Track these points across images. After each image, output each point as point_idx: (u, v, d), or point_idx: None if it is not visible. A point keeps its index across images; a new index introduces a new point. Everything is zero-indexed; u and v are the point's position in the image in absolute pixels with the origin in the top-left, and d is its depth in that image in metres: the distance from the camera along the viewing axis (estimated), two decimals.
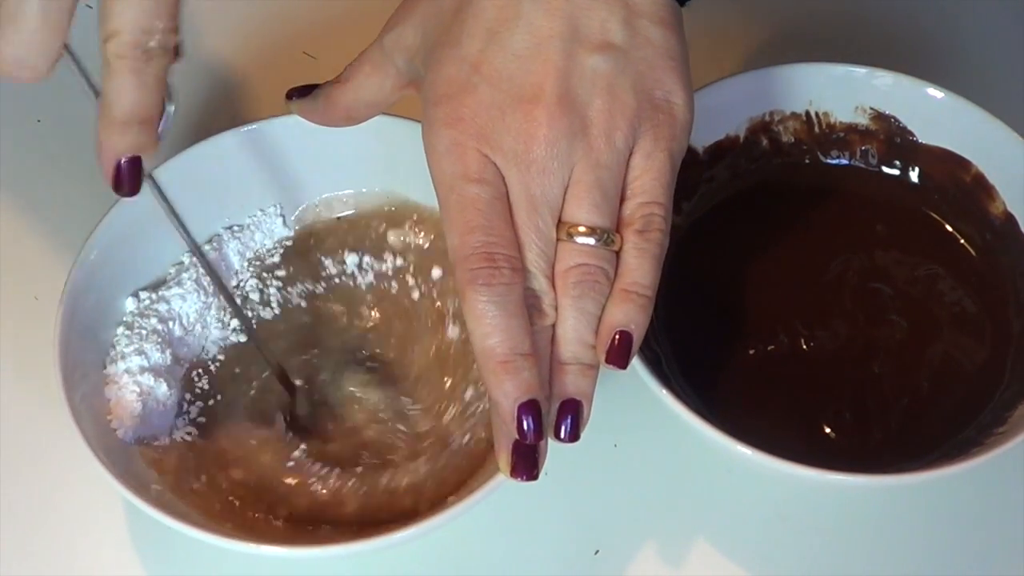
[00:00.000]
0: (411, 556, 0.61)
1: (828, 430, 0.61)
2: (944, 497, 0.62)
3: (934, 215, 0.68)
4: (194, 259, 0.64)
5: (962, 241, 0.67)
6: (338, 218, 0.68)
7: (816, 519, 0.62)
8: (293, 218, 0.68)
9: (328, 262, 0.67)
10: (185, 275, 0.64)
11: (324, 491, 0.60)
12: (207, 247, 0.65)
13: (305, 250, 0.67)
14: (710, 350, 0.63)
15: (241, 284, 0.66)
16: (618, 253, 0.54)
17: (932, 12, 0.79)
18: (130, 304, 0.63)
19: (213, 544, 0.55)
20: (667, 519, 0.62)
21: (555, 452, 0.53)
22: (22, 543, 0.62)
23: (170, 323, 0.63)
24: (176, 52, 0.52)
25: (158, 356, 0.62)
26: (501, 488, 0.55)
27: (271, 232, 0.67)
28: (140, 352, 0.62)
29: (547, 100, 0.52)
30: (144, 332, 0.62)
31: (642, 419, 0.63)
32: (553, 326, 0.54)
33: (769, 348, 0.63)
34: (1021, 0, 0.80)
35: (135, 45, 0.51)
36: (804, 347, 0.63)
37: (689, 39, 0.56)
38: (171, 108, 0.54)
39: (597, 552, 0.61)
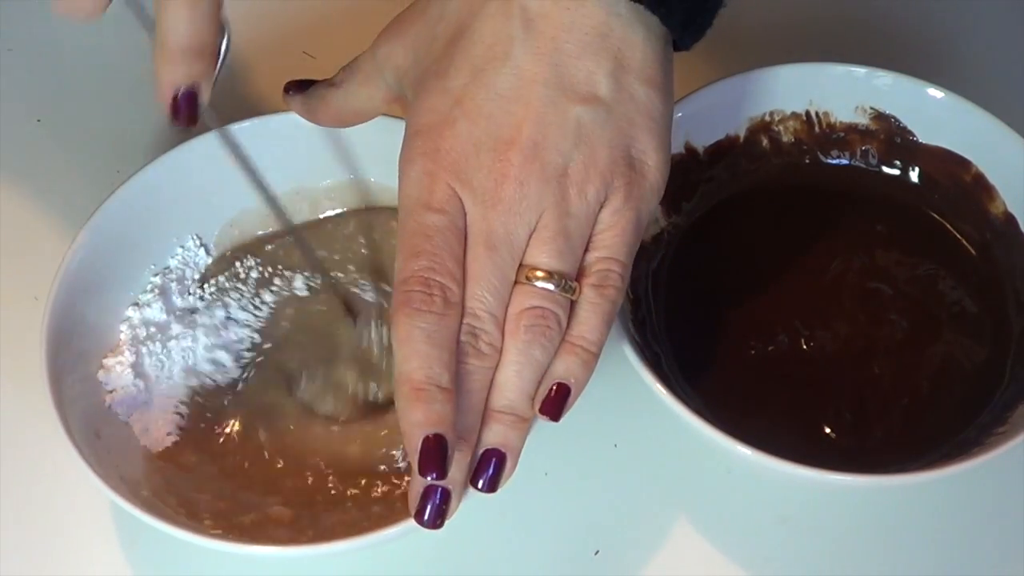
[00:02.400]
0: (410, 555, 0.61)
1: (828, 430, 0.61)
2: (944, 497, 0.62)
3: (934, 215, 0.68)
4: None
5: (962, 241, 0.67)
6: (258, 235, 0.68)
7: (816, 519, 0.62)
8: (212, 244, 0.67)
9: (259, 275, 0.66)
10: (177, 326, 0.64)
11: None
12: (147, 296, 0.65)
13: (234, 272, 0.66)
14: (710, 350, 0.63)
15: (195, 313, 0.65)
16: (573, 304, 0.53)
17: (932, 12, 0.79)
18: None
19: (203, 546, 0.55)
20: (667, 519, 0.62)
21: (555, 452, 0.52)
22: (13, 544, 0.62)
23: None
24: None
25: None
26: (502, 487, 0.55)
27: (197, 265, 0.66)
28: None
29: (522, 144, 0.52)
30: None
31: (642, 419, 0.63)
32: (494, 371, 0.52)
33: (769, 348, 0.63)
34: (1021, 0, 0.80)
35: None
36: (804, 347, 0.63)
37: None
38: (225, 42, 0.55)
39: (597, 552, 0.61)
